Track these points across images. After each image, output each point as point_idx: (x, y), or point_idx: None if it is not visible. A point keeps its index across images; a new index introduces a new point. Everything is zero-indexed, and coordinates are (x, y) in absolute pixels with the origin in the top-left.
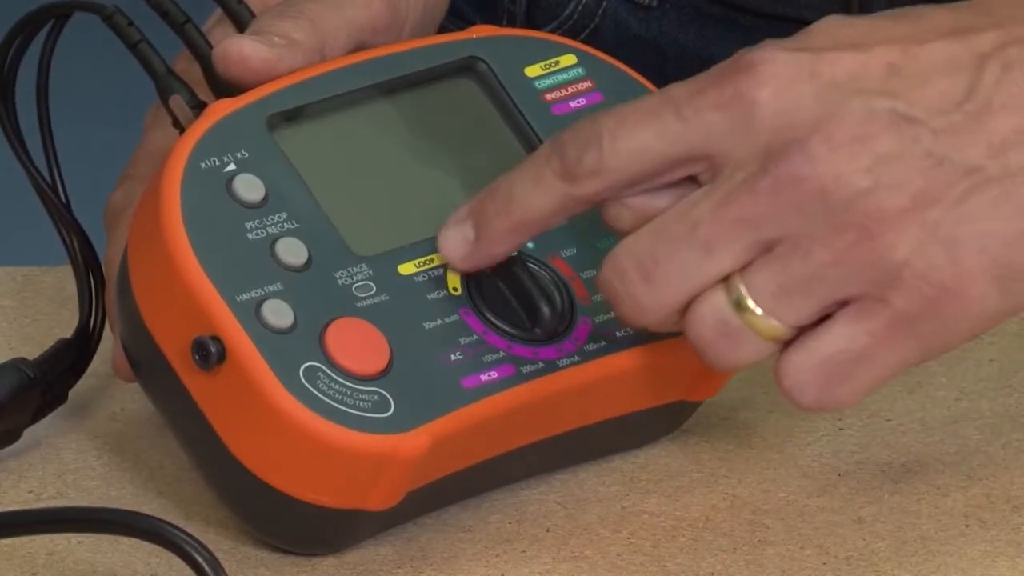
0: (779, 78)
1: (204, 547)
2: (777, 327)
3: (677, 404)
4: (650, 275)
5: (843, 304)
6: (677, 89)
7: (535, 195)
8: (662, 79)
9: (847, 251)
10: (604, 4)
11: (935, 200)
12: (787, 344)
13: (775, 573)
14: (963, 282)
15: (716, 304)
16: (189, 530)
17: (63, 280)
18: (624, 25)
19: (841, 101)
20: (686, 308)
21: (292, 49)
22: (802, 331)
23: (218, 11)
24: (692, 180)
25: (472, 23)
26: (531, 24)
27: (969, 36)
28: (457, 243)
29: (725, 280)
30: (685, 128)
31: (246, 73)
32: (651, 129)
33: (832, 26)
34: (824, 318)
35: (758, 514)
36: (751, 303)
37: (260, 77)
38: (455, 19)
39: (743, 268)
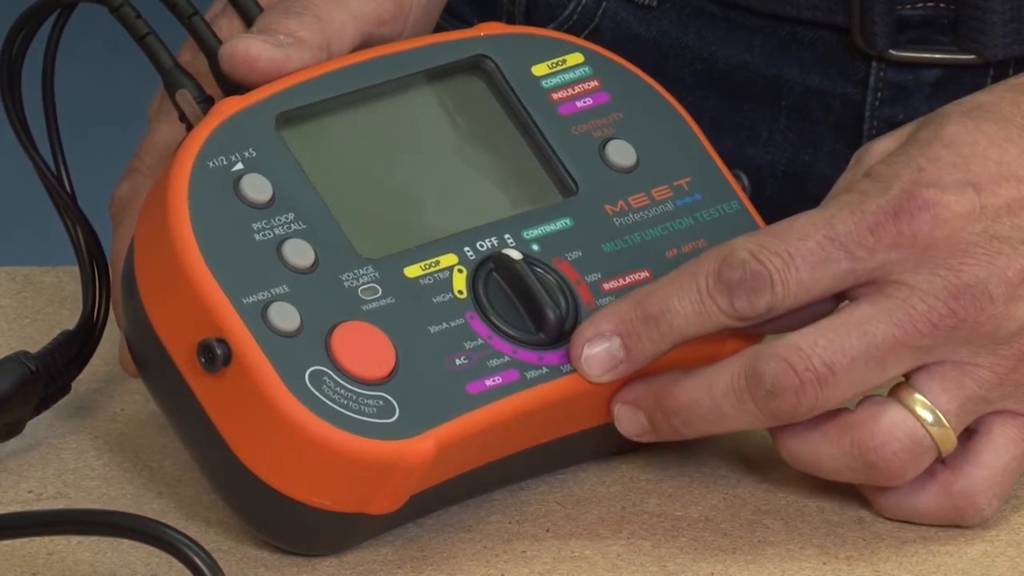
0: (954, 218)
1: (203, 549)
2: (954, 442)
3: None
4: (825, 382)
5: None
6: (844, 224)
7: (697, 325)
8: (662, 79)
9: (1009, 374)
10: (604, 4)
11: None
12: (942, 461)
13: (775, 573)
14: None
15: (907, 421)
16: (189, 530)
17: (63, 280)
18: (624, 25)
19: (1008, 239)
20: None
21: (299, 47)
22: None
23: (220, 2)
24: None
25: (470, 23)
26: (530, 24)
27: None
28: (604, 361)
29: (894, 393)
30: (859, 267)
31: (253, 73)
32: (822, 270)
33: (975, 141)
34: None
35: (758, 514)
36: (944, 419)
37: (267, 77)
38: (453, 19)
39: (916, 382)
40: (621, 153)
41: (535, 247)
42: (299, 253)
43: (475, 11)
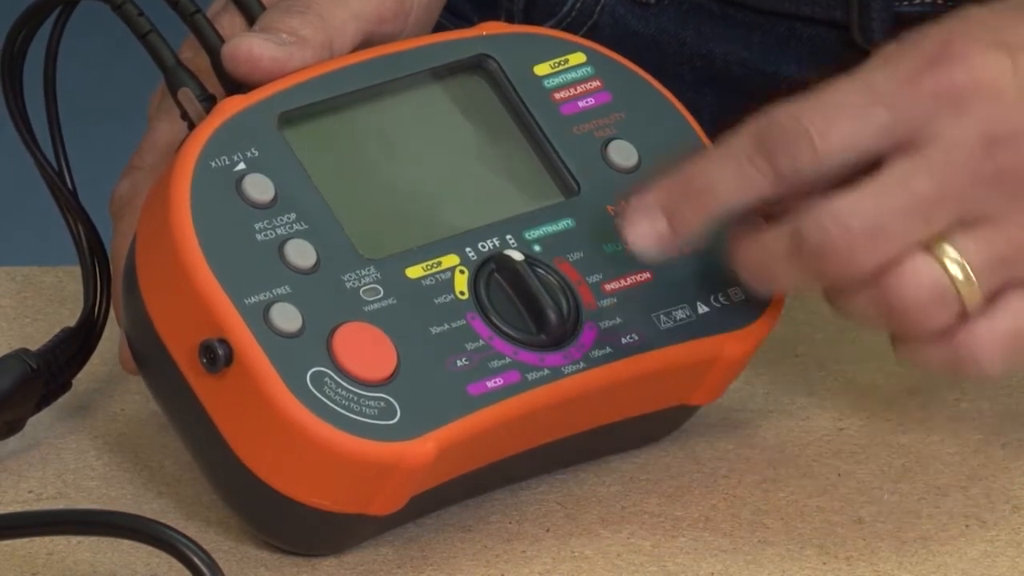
0: (988, 71)
1: (202, 549)
2: (979, 298)
3: (679, 408)
4: (875, 237)
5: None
6: (880, 78)
7: (738, 190)
8: (660, 76)
9: None
10: (602, 1)
11: None
12: (964, 317)
13: (775, 573)
14: None
15: (934, 272)
16: (189, 530)
17: (63, 280)
18: (622, 22)
19: None
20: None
21: (301, 46)
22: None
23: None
24: None
25: (470, 21)
26: (529, 21)
27: None
28: (647, 233)
29: (927, 247)
30: (897, 119)
31: (255, 72)
32: (862, 123)
33: (1003, 16)
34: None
35: (758, 514)
36: (972, 273)
37: (269, 76)
38: (453, 17)
39: (947, 238)
40: (623, 153)
41: (536, 248)
42: (301, 253)
43: (475, 9)
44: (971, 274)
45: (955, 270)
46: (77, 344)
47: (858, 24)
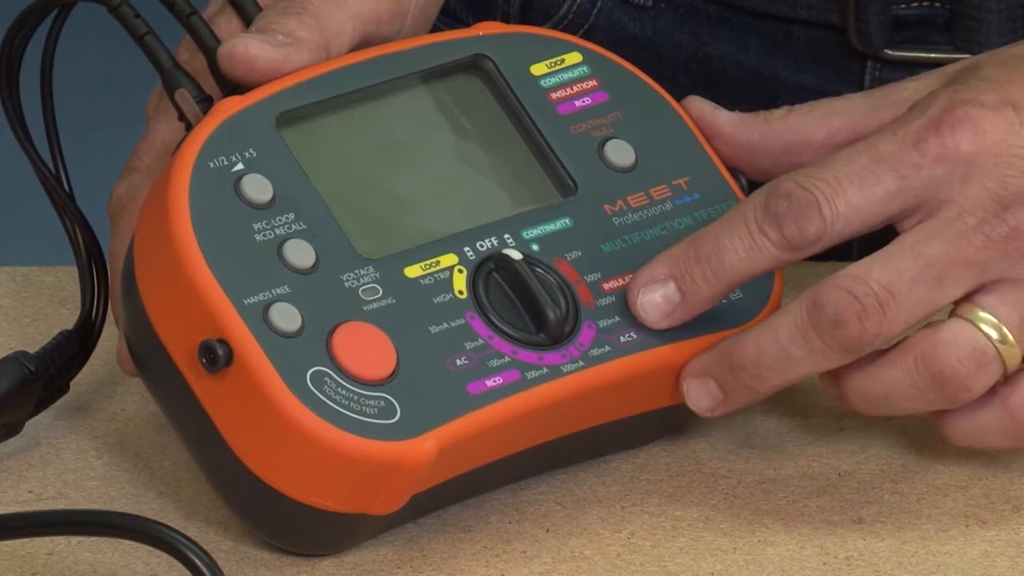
0: (996, 129)
1: (202, 549)
2: (1019, 357)
3: (678, 407)
4: (887, 305)
5: None
6: (886, 143)
7: (750, 262)
8: (657, 78)
9: None
10: (599, 4)
11: None
12: (1005, 378)
13: (775, 573)
14: None
15: (972, 336)
16: (189, 531)
17: (63, 280)
18: (618, 25)
19: None
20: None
21: (298, 47)
22: None
23: (216, 1)
24: None
25: (465, 23)
26: (525, 24)
27: None
28: (659, 305)
29: (956, 311)
30: (906, 185)
31: (252, 73)
32: (869, 190)
33: (1011, 75)
34: None
35: (758, 514)
36: (1009, 333)
37: (266, 77)
38: (448, 18)
39: (976, 300)
40: (620, 153)
41: (535, 247)
42: (300, 253)
43: (470, 11)
44: (1007, 334)
45: (992, 332)
46: (75, 347)
47: (855, 27)
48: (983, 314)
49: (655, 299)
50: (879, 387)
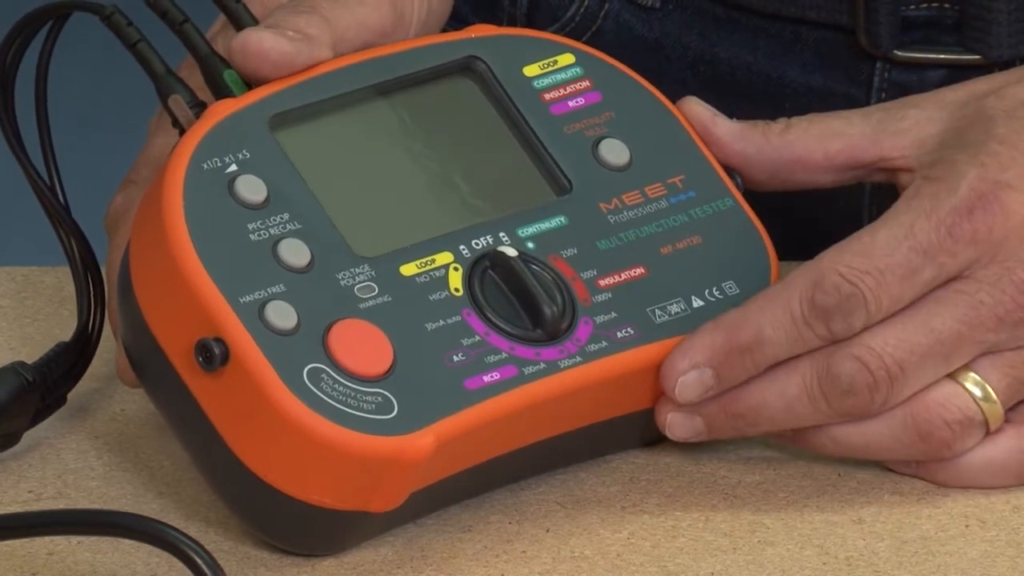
0: (1022, 210)
1: (203, 549)
2: (1002, 416)
3: None
4: (896, 379)
5: None
6: (923, 231)
7: (791, 348)
8: (664, 80)
9: None
10: (606, 5)
11: None
12: (992, 433)
13: (775, 573)
14: None
15: (962, 400)
16: (189, 530)
17: (63, 280)
18: (626, 27)
19: None
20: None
21: (309, 43)
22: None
23: (219, 20)
24: None
25: (470, 25)
26: (532, 26)
27: None
28: (696, 388)
29: (951, 375)
30: (942, 272)
31: (264, 66)
32: (910, 283)
33: (1013, 125)
34: None
35: (758, 514)
36: (994, 396)
37: (278, 71)
38: (453, 21)
39: (972, 364)
40: (614, 152)
41: (530, 245)
42: (295, 252)
43: (476, 13)
44: (991, 393)
45: (975, 390)
46: (72, 359)
47: (864, 28)
48: (976, 376)
49: (691, 383)
50: (859, 437)
